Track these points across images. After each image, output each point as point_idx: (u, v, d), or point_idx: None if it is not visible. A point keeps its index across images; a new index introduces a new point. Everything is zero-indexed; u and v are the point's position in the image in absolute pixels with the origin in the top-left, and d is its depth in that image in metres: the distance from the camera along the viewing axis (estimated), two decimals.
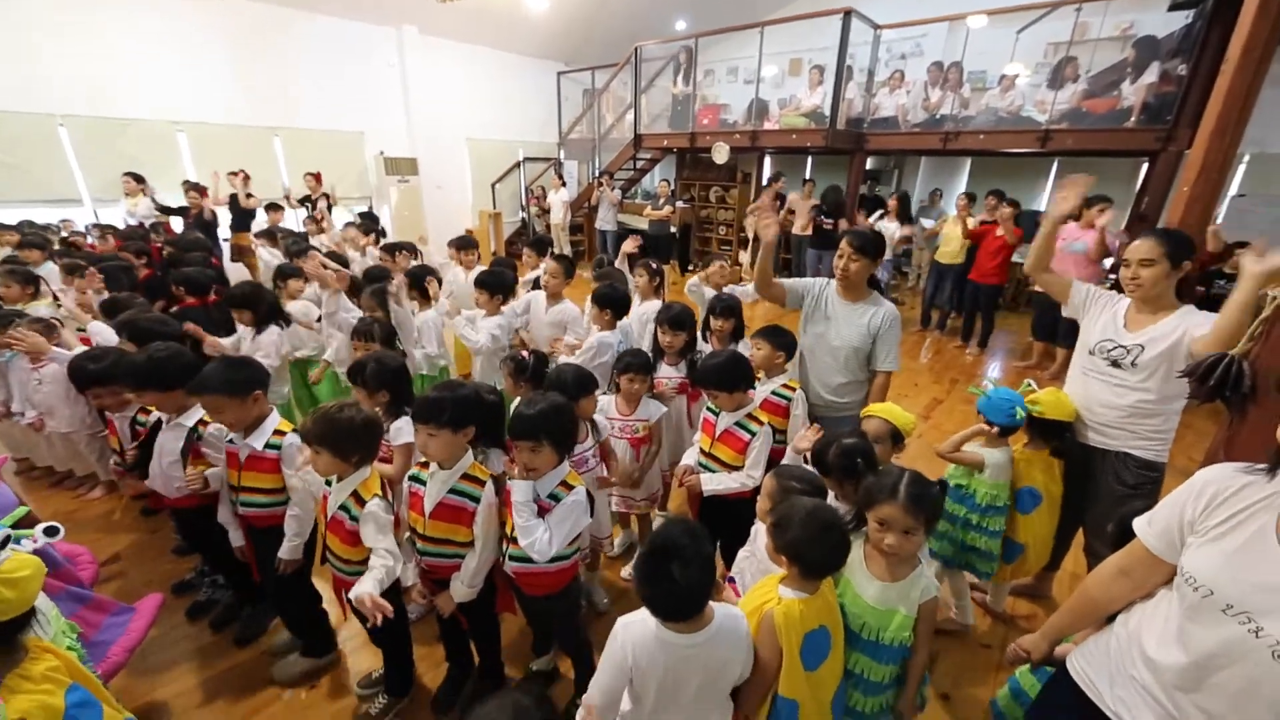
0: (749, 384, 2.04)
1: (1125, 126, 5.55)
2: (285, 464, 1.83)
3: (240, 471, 1.84)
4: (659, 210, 7.47)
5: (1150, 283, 1.76)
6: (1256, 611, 0.84)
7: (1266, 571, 0.84)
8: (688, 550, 1.16)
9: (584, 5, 8.60)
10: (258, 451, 1.81)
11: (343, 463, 1.58)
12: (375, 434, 1.67)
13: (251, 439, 1.81)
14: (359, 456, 1.61)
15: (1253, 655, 0.84)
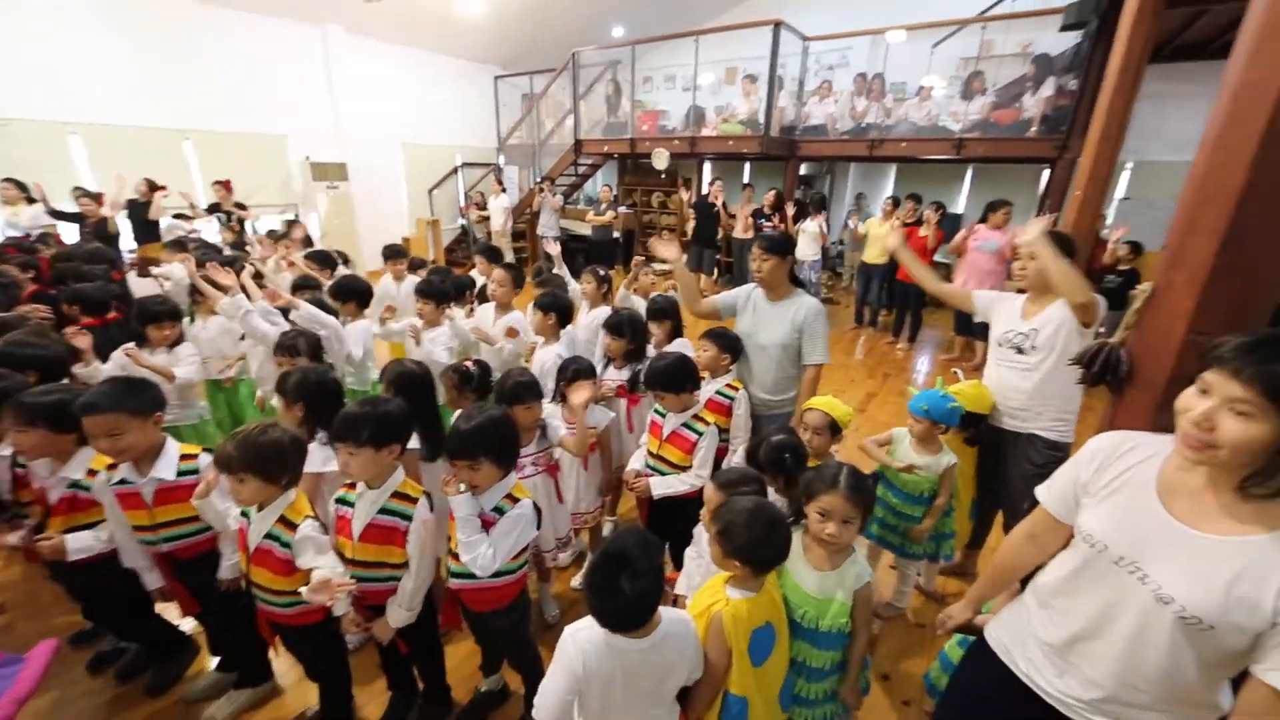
0: (695, 385, 2.07)
1: (1027, 136, 6.06)
2: None
3: (153, 509, 1.67)
4: (601, 216, 7.48)
5: (1035, 272, 2.01)
6: (1142, 561, 0.93)
7: (1148, 524, 0.93)
8: (639, 562, 1.15)
9: (520, 10, 8.51)
10: (170, 482, 1.66)
11: (271, 487, 1.48)
12: (301, 452, 1.57)
13: (158, 471, 1.65)
14: (288, 479, 1.51)
15: (1141, 602, 0.92)
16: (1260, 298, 0.97)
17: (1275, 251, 0.93)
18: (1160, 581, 0.90)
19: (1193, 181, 0.98)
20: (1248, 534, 0.84)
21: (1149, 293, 1.13)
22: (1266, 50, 0.85)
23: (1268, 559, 0.82)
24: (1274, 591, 0.81)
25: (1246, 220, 0.91)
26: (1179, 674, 0.91)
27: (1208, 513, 0.88)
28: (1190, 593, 0.87)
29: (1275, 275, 0.93)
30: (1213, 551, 0.86)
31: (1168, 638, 0.90)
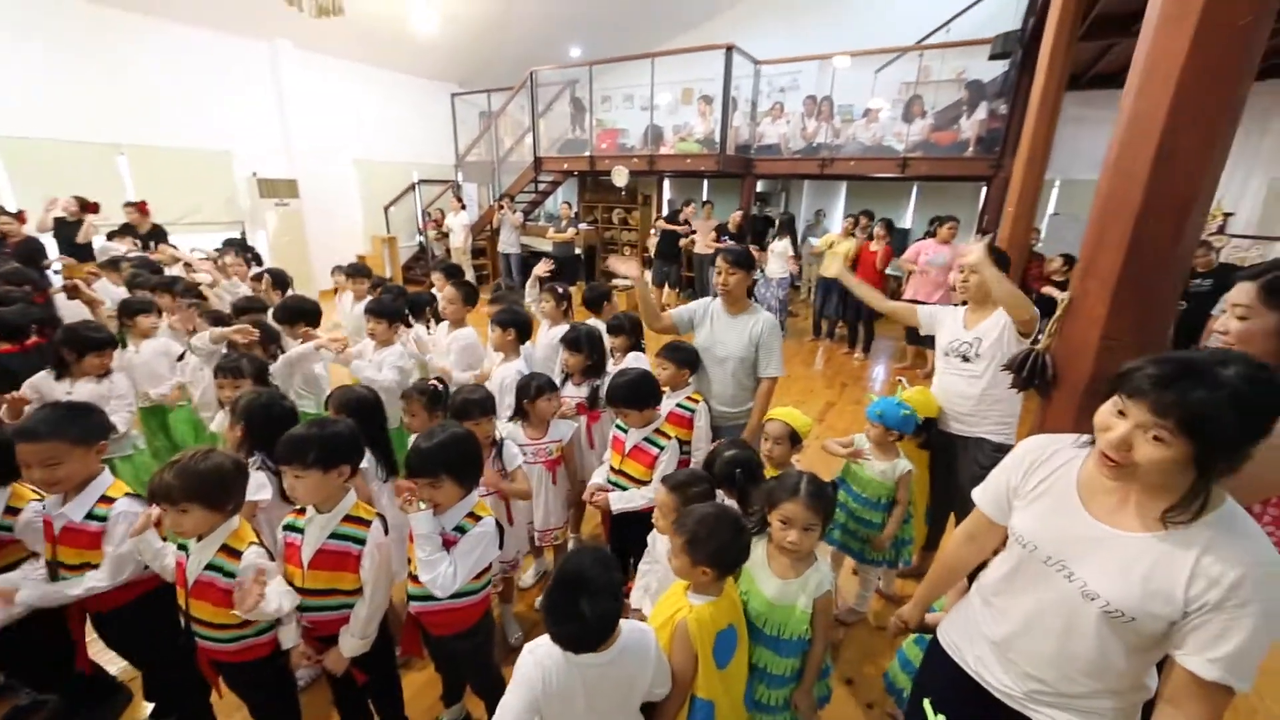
0: (656, 401, 2.09)
1: (965, 156, 6.45)
2: (108, 540, 1.55)
3: (55, 545, 1.54)
4: (562, 233, 7.50)
5: (975, 285, 2.14)
6: (1069, 560, 0.99)
7: (1072, 525, 1.00)
8: (596, 581, 1.15)
9: (476, 29, 8.54)
10: (75, 524, 1.54)
11: (216, 515, 1.41)
12: (244, 476, 1.50)
13: (70, 507, 1.54)
14: (233, 506, 1.45)
15: (1070, 598, 0.98)
16: (1161, 305, 1.06)
17: (1171, 263, 1.03)
18: (1085, 579, 0.96)
19: (1099, 199, 1.08)
20: (1158, 530, 0.90)
21: (1067, 302, 1.23)
22: (1149, 86, 0.95)
23: (1176, 552, 0.88)
24: (1183, 582, 0.87)
25: (1145, 235, 1.00)
26: (1109, 663, 0.97)
27: (1124, 512, 0.95)
28: (1112, 588, 0.93)
29: (1173, 284, 1.03)
30: (1129, 548, 0.92)
31: (1095, 631, 0.96)
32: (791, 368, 5.86)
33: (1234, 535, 0.86)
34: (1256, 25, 0.87)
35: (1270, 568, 0.84)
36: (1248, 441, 0.81)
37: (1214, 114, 0.92)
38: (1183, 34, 0.90)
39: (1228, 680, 0.85)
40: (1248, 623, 0.83)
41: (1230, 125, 0.94)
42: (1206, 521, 0.87)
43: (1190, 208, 0.97)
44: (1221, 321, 1.13)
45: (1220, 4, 0.87)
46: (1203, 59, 0.89)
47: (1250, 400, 0.79)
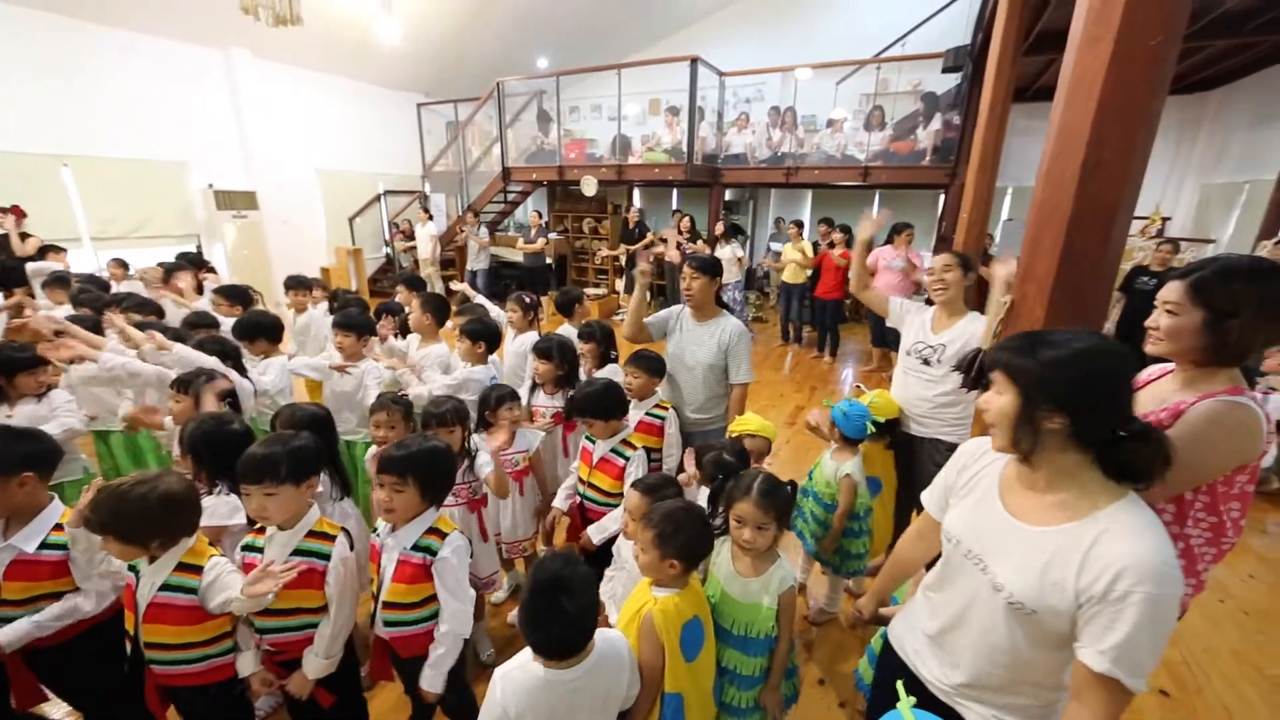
0: (623, 411, 2.10)
1: (922, 165, 6.68)
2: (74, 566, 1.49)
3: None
4: (532, 243, 7.47)
5: (953, 284, 2.15)
6: (985, 553, 1.03)
7: (990, 521, 1.04)
8: (573, 579, 1.15)
9: (440, 39, 8.48)
10: (28, 555, 1.45)
11: (133, 549, 1.34)
12: (179, 509, 1.38)
13: (20, 539, 1.45)
14: (160, 541, 1.37)
15: (985, 591, 1.02)
16: (1095, 306, 1.13)
17: (1102, 266, 1.09)
18: (996, 571, 1.00)
19: (1034, 208, 1.14)
20: (1058, 524, 0.94)
21: (1009, 305, 1.29)
22: (1075, 100, 1.01)
23: (1071, 545, 0.91)
24: (1074, 573, 0.90)
25: (1076, 240, 1.06)
26: (1023, 657, 0.99)
27: (1032, 507, 0.99)
28: (1015, 580, 0.96)
29: (1104, 286, 1.09)
30: (1033, 542, 0.96)
31: (1004, 623, 0.99)
32: (761, 372, 5.95)
33: (1124, 528, 0.88)
34: (1166, 45, 0.93)
35: (1154, 560, 0.85)
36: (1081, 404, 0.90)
37: (1134, 126, 0.99)
38: (1103, 53, 0.96)
39: (1115, 673, 0.86)
40: (1131, 614, 0.84)
41: (1148, 136, 1.01)
42: (1102, 515, 0.91)
43: (1116, 214, 1.03)
44: (1153, 318, 1.20)
45: (1134, 25, 0.93)
46: (1121, 76, 0.96)
47: (1070, 363, 0.90)
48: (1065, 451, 0.94)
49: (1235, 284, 1.09)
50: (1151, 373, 1.35)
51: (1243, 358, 1.13)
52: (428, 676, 1.51)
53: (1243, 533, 1.24)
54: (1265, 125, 5.76)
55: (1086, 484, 0.94)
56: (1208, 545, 1.23)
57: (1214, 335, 1.11)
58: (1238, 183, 6.16)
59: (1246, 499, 1.21)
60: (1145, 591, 0.84)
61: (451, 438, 1.90)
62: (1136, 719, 2.01)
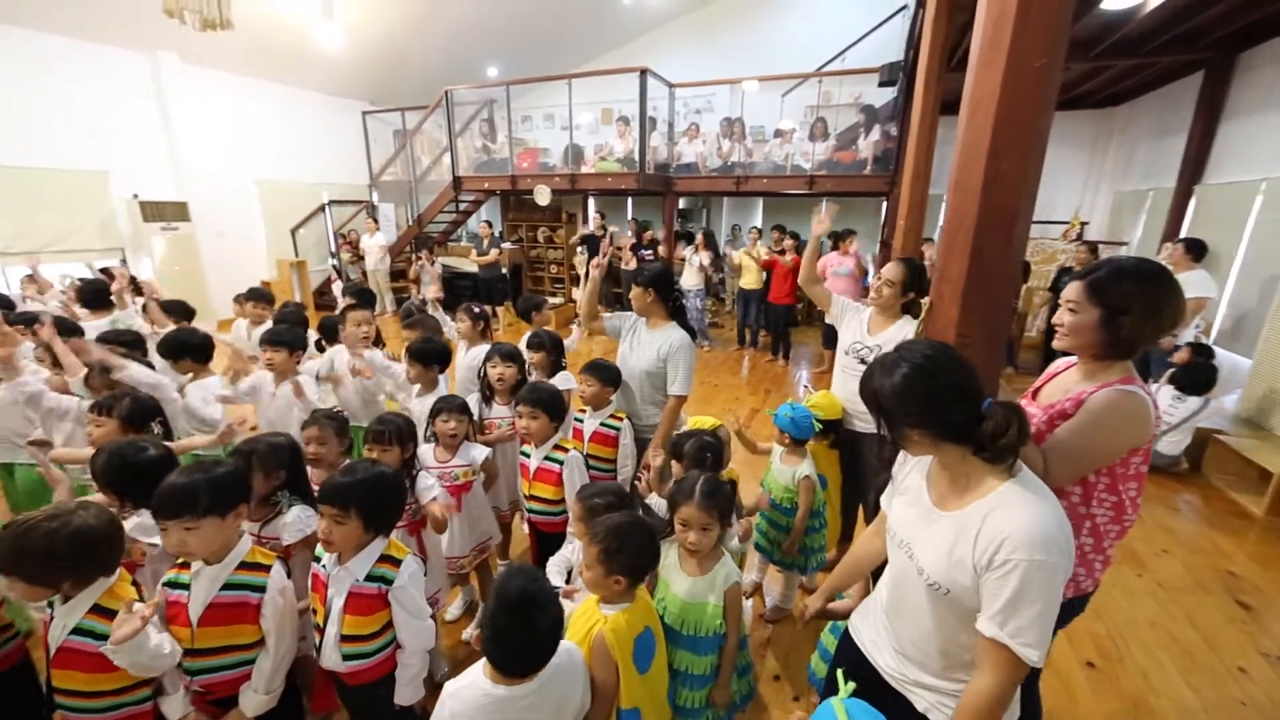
0: (561, 418, 2.11)
1: (864, 173, 6.98)
2: None
3: None
4: (485, 254, 7.37)
5: (890, 296, 2.25)
6: (912, 541, 1.10)
7: (918, 510, 1.11)
8: (540, 594, 1.15)
9: (386, 46, 8.31)
10: None
11: (38, 589, 1.25)
12: (94, 547, 1.28)
13: None
14: (73, 580, 1.28)
15: (913, 577, 1.08)
16: (1002, 306, 1.22)
17: (1006, 268, 1.18)
18: (918, 556, 1.07)
19: (947, 215, 1.22)
20: (961, 508, 1.02)
21: (929, 306, 1.37)
22: (975, 118, 1.10)
23: (969, 524, 0.98)
24: (970, 549, 0.96)
25: (983, 244, 1.15)
26: (952, 639, 1.05)
27: (945, 495, 1.07)
28: (930, 562, 1.04)
29: (1009, 287, 1.18)
30: (944, 525, 1.03)
31: (928, 604, 1.06)
32: (719, 376, 6.06)
33: (1011, 504, 0.95)
34: (1050, 67, 1.03)
35: (1033, 530, 0.91)
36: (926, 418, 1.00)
37: (1026, 141, 1.08)
38: (996, 74, 1.05)
39: (1001, 637, 0.92)
40: (1013, 580, 0.90)
41: (1040, 150, 1.11)
42: (994, 495, 0.98)
43: (1016, 220, 1.13)
44: (1058, 315, 1.30)
45: (1021, 50, 1.02)
46: (1013, 95, 1.05)
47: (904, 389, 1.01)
48: (943, 447, 1.03)
49: (1125, 284, 1.20)
50: (1059, 365, 1.46)
51: (1134, 351, 1.24)
52: (404, 693, 1.49)
53: (1140, 510, 1.35)
54: (1165, 137, 6.31)
55: (976, 469, 1.02)
56: (1112, 523, 1.34)
57: (1109, 331, 1.22)
58: (1144, 190, 6.71)
59: (1141, 479, 1.32)
60: (1024, 558, 0.90)
61: (387, 456, 1.83)
62: (1067, 689, 2.15)
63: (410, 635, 1.45)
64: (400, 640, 1.46)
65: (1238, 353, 4.76)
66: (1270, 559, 2.98)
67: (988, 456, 0.99)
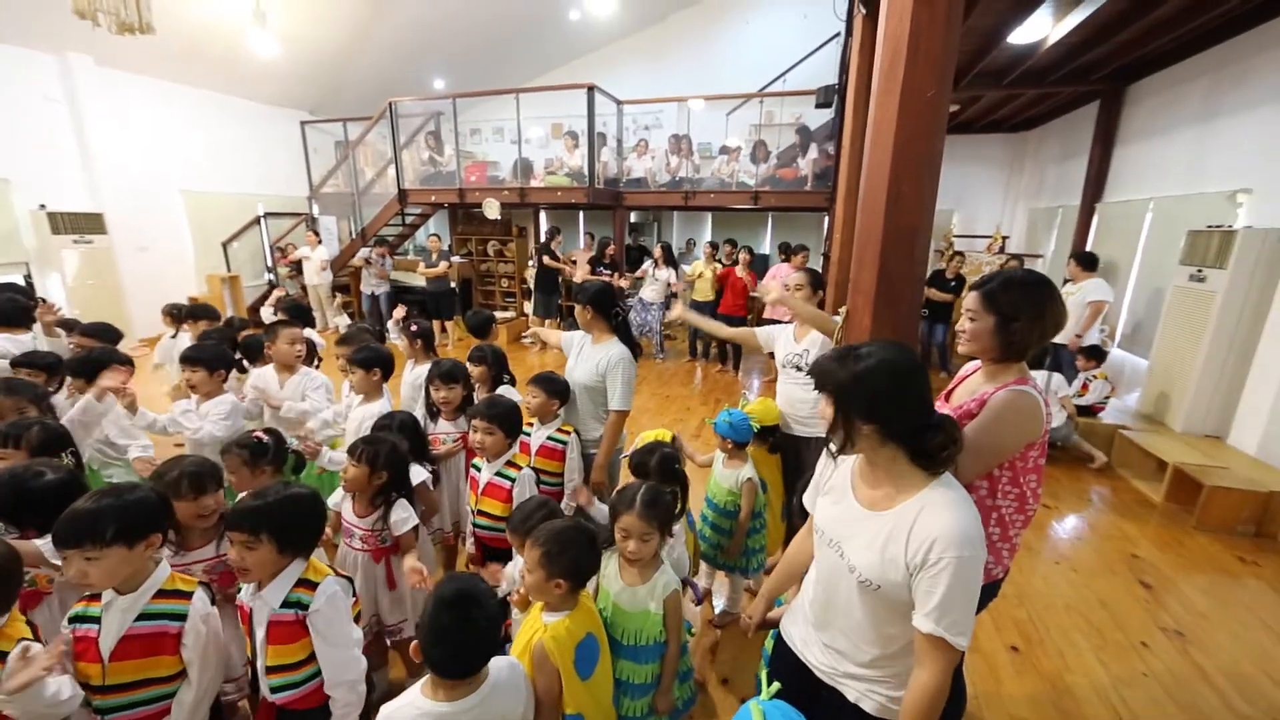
0: (517, 434, 2.10)
1: (805, 190, 7.29)
2: None
3: None
4: (434, 267, 7.22)
5: (803, 300, 2.46)
6: (842, 540, 1.16)
7: (846, 511, 1.17)
8: (480, 594, 1.15)
9: (326, 54, 8.09)
10: None
11: None
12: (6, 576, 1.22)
13: None
14: None
15: (843, 573, 1.14)
16: (909, 313, 1.32)
17: (910, 278, 1.28)
18: (849, 554, 1.13)
19: (858, 231, 1.32)
20: (891, 508, 1.09)
21: (846, 314, 1.47)
22: (878, 141, 1.20)
23: (900, 524, 1.05)
24: (903, 548, 1.03)
25: (889, 257, 1.24)
26: (881, 631, 1.12)
27: (873, 496, 1.13)
28: (862, 560, 1.10)
29: (914, 296, 1.28)
30: (875, 525, 1.10)
31: (860, 600, 1.12)
32: (672, 388, 6.14)
33: (937, 505, 1.03)
34: (939, 97, 1.14)
35: (959, 529, 0.99)
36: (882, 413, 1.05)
37: (922, 163, 1.19)
38: (893, 103, 1.15)
39: (939, 632, 0.99)
40: (945, 577, 0.98)
41: (934, 172, 1.22)
42: (921, 496, 1.06)
43: (917, 235, 1.23)
44: (961, 322, 1.42)
45: (914, 81, 1.13)
46: (909, 122, 1.15)
47: (866, 379, 1.05)
48: (884, 447, 1.09)
49: (1014, 293, 1.32)
50: (968, 369, 1.58)
51: (1025, 353, 1.37)
52: None
53: (1040, 500, 1.48)
54: (1070, 160, 6.91)
55: (906, 472, 1.09)
56: (1016, 513, 1.45)
57: (1003, 335, 1.34)
58: (1054, 207, 7.31)
59: (1040, 472, 1.44)
60: (954, 555, 0.98)
61: (358, 471, 1.78)
62: (993, 673, 2.28)
63: (329, 665, 1.37)
64: (322, 672, 1.38)
65: (1137, 355, 5.24)
66: (1168, 542, 3.27)
67: (925, 463, 1.07)
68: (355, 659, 1.43)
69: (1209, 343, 3.91)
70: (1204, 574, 2.98)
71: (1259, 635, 2.52)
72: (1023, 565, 3.00)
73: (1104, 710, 2.12)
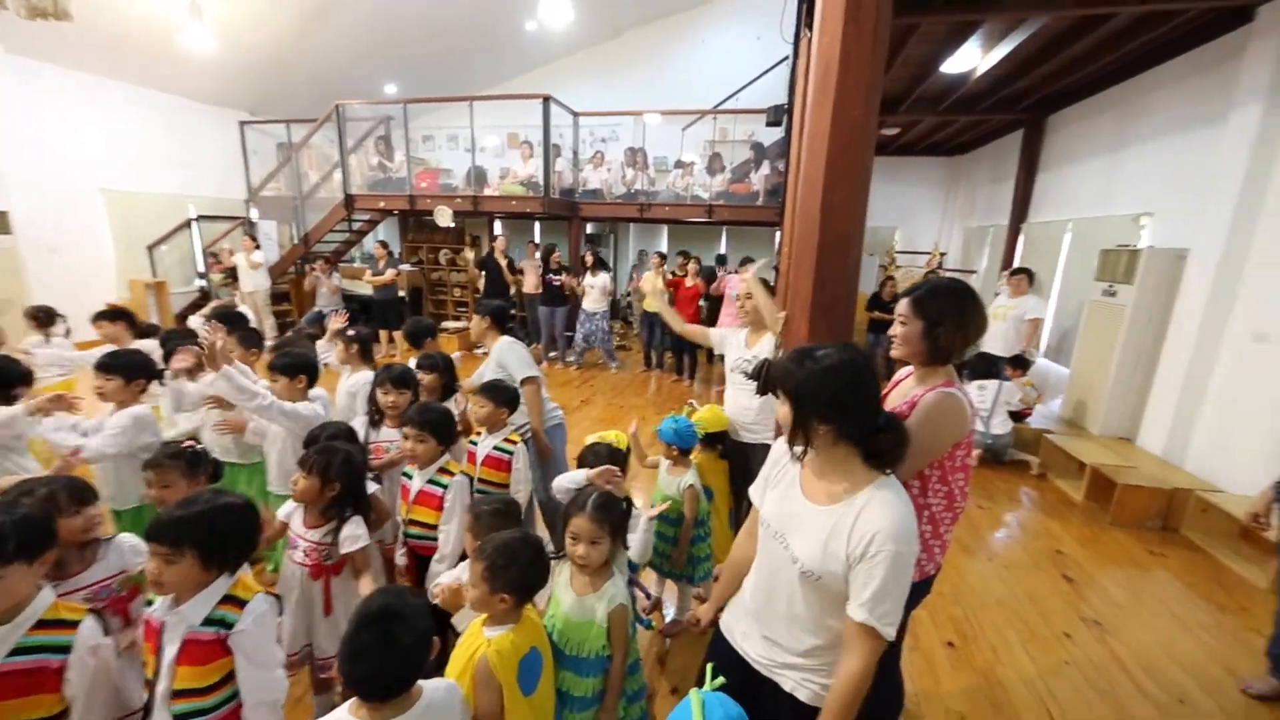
0: (451, 441, 2.04)
1: (757, 205, 7.50)
2: None
3: None
4: (380, 275, 6.99)
5: (752, 309, 2.48)
6: (787, 532, 1.19)
7: (792, 505, 1.20)
8: (407, 609, 1.09)
9: (269, 53, 7.78)
10: None
11: None
12: None
13: None
14: None
15: (786, 565, 1.17)
16: (843, 318, 1.37)
17: (845, 285, 1.34)
18: (793, 546, 1.16)
19: (795, 240, 1.37)
20: (836, 503, 1.13)
21: (785, 319, 1.51)
22: (813, 154, 1.26)
23: (844, 519, 1.09)
24: (845, 541, 1.07)
25: (825, 265, 1.29)
26: (819, 622, 1.15)
27: (820, 491, 1.17)
28: (805, 552, 1.13)
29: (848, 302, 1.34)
30: (819, 519, 1.13)
31: (801, 590, 1.15)
32: (625, 397, 6.14)
33: (879, 503, 1.07)
34: (866, 115, 1.20)
35: (897, 525, 1.04)
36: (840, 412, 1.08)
37: (854, 176, 1.25)
38: (825, 116, 1.21)
39: (871, 621, 1.03)
40: (880, 569, 1.03)
41: (864, 184, 1.28)
42: (865, 493, 1.10)
43: (850, 244, 1.28)
44: (893, 328, 1.48)
45: (843, 100, 1.19)
46: (839, 138, 1.21)
47: (825, 378, 1.08)
48: (837, 445, 1.12)
49: (940, 300, 1.40)
50: (901, 374, 1.65)
51: (950, 357, 1.44)
52: None
53: (969, 498, 1.55)
54: (999, 182, 7.40)
55: (854, 470, 1.13)
56: (945, 510, 1.52)
57: (930, 340, 1.41)
58: (986, 226, 7.79)
59: (968, 471, 1.52)
60: (890, 549, 1.03)
61: (309, 483, 1.69)
62: (932, 670, 2.36)
63: (252, 686, 1.29)
64: (241, 693, 1.29)
65: (1061, 364, 5.62)
66: (1088, 538, 3.50)
67: (875, 462, 1.11)
68: (279, 680, 1.35)
69: (1120, 352, 4.24)
70: (1120, 567, 3.20)
71: (1166, 623, 2.72)
72: (959, 564, 3.14)
73: (1031, 700, 2.22)
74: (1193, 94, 4.16)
